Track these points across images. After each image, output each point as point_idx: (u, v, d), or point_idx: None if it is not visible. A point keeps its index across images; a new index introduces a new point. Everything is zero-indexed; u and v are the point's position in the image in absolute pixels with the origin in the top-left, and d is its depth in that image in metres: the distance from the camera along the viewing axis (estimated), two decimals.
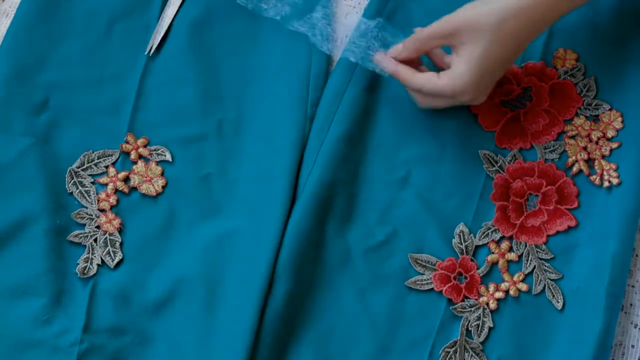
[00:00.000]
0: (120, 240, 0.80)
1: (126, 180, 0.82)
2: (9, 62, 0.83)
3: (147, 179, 0.82)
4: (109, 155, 0.82)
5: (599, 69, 0.84)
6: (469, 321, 0.79)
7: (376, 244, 0.81)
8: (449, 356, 0.79)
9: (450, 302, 0.80)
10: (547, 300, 0.80)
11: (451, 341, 0.79)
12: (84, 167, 0.82)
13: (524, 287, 0.80)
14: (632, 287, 0.81)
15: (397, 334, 0.79)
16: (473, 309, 0.80)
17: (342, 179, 0.82)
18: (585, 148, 0.83)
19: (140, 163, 0.82)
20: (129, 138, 0.83)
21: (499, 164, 0.83)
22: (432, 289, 0.80)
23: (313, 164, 0.81)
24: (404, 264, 0.80)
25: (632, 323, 0.80)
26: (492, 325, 0.79)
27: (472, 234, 0.81)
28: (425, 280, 0.80)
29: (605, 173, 0.82)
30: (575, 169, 0.82)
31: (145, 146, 0.83)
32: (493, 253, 0.81)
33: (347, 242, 0.81)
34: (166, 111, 0.84)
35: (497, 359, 0.79)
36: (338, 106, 0.83)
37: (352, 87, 0.83)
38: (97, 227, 0.80)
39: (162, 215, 0.81)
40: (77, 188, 0.81)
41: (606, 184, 0.81)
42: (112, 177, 0.82)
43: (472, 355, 0.79)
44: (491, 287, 0.80)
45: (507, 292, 0.80)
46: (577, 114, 0.84)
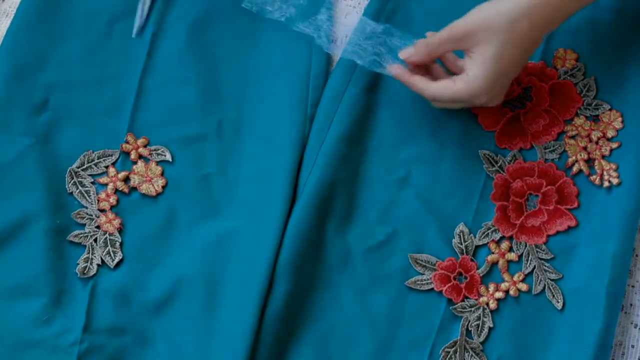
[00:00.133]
0: (120, 240, 0.80)
1: (126, 180, 0.82)
2: (9, 62, 0.83)
3: (147, 179, 0.82)
4: (109, 155, 0.82)
5: (599, 69, 0.84)
6: (469, 321, 0.79)
7: (376, 244, 0.81)
8: (449, 356, 0.79)
9: (450, 302, 0.80)
10: (547, 300, 0.80)
11: (451, 341, 0.79)
12: (84, 167, 0.82)
13: (524, 287, 0.80)
14: (632, 287, 0.81)
15: (397, 334, 0.79)
16: (473, 309, 0.80)
17: (342, 179, 0.81)
18: (585, 148, 0.83)
19: (140, 163, 0.82)
20: (129, 138, 0.83)
21: (499, 164, 0.83)
22: (432, 289, 0.80)
23: (313, 164, 0.81)
24: (404, 264, 0.80)
25: (632, 323, 0.80)
26: (492, 325, 0.79)
27: (472, 234, 0.81)
28: (425, 280, 0.80)
29: (605, 173, 0.82)
30: (575, 169, 0.82)
31: (145, 146, 0.83)
32: (493, 253, 0.81)
33: (347, 242, 0.81)
34: (166, 111, 0.84)
35: (497, 359, 0.79)
36: (338, 106, 0.83)
37: (352, 87, 0.83)
38: (97, 227, 0.80)
39: (162, 215, 0.81)
40: (77, 188, 0.81)
41: (606, 184, 0.81)
42: (112, 177, 0.82)
43: (472, 355, 0.79)
44: (491, 287, 0.80)
45: (507, 292, 0.80)
46: (577, 114, 0.84)
